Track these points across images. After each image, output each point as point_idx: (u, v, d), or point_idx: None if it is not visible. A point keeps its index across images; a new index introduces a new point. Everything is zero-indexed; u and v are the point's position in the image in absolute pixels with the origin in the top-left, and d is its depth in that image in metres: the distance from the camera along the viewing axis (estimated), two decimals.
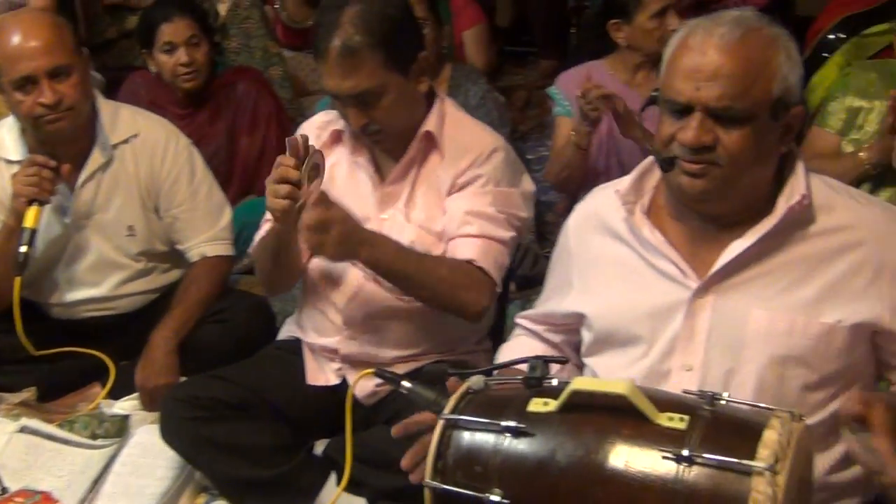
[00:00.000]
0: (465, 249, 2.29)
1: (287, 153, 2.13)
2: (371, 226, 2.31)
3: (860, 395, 1.52)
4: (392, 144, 2.37)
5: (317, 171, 2.15)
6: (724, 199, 1.74)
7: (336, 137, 2.45)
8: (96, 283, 2.93)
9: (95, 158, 2.83)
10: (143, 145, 2.89)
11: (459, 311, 2.31)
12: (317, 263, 2.47)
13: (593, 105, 3.15)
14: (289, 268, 2.42)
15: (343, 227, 2.12)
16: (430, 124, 2.37)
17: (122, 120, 2.89)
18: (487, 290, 2.30)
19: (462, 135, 2.39)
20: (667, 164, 1.73)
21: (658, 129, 1.77)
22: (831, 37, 3.95)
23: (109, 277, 2.93)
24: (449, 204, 2.35)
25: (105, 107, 2.89)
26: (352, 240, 2.15)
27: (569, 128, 3.46)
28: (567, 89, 3.52)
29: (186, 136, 3.01)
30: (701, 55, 1.68)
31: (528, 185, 2.44)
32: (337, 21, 2.20)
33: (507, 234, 2.34)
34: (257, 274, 2.56)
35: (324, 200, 2.12)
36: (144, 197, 2.90)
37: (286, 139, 2.15)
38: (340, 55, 2.20)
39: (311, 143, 2.16)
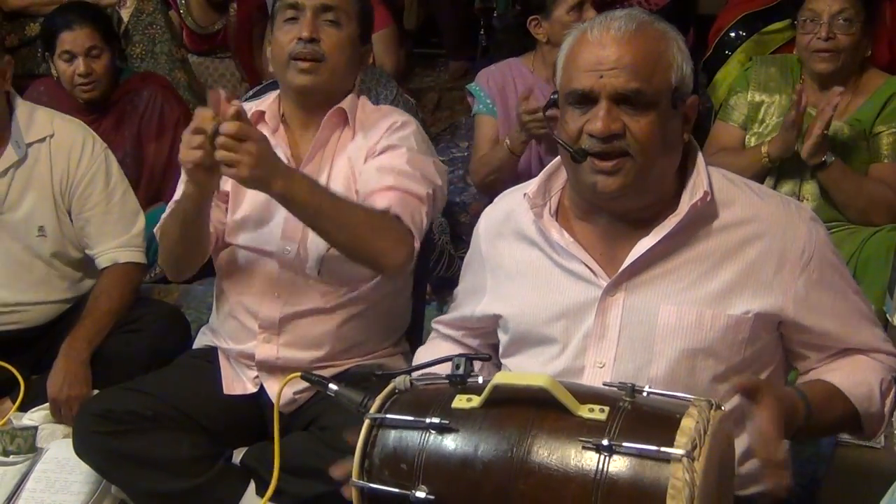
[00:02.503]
0: (380, 201, 2.25)
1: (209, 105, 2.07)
2: None
3: (752, 377, 1.61)
4: (319, 94, 2.37)
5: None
6: (638, 193, 1.76)
7: (258, 117, 2.41)
8: (5, 284, 2.86)
9: (8, 156, 2.81)
10: (58, 145, 2.88)
11: (377, 260, 2.24)
12: (229, 262, 2.44)
13: (542, 124, 3.07)
14: (196, 240, 2.34)
15: (260, 146, 2.04)
16: (344, 104, 2.39)
17: (37, 120, 2.89)
18: (405, 241, 2.24)
19: (373, 115, 2.42)
20: (580, 156, 1.74)
21: (564, 127, 1.78)
22: (732, 34, 4.05)
23: (18, 279, 2.87)
24: (364, 168, 2.34)
25: (22, 106, 2.90)
26: (267, 165, 2.06)
27: (491, 127, 3.44)
28: (489, 87, 3.51)
29: None
30: (601, 48, 1.72)
31: (439, 162, 2.45)
32: None
33: (424, 190, 2.30)
34: (161, 253, 2.46)
35: (242, 117, 2.05)
36: (58, 198, 2.87)
37: (209, 91, 2.13)
38: None
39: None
